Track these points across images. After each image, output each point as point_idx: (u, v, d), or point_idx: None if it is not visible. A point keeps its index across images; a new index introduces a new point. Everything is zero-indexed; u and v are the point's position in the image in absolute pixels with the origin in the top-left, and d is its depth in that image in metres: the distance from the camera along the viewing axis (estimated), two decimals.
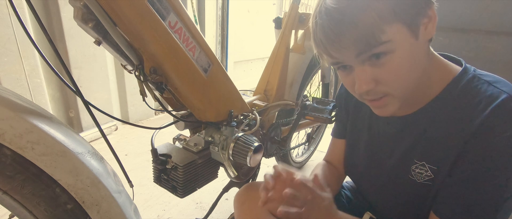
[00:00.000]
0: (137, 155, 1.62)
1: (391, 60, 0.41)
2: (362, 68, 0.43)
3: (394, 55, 0.40)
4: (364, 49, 0.40)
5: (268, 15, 3.43)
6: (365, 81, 0.43)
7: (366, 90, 0.43)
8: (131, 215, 0.50)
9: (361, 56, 0.41)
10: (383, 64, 0.41)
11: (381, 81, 0.43)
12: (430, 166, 0.49)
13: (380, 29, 0.38)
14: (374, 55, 0.41)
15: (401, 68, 0.41)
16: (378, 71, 0.42)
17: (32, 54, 1.44)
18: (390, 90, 0.44)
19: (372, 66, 0.42)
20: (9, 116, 0.38)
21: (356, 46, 0.40)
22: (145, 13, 0.51)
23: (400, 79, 0.43)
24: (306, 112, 1.03)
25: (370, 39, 0.39)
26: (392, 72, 0.42)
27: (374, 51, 0.40)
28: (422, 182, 0.50)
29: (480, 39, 1.03)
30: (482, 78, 0.45)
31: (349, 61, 0.43)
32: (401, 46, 0.40)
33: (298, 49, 1.16)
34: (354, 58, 0.42)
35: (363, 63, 0.42)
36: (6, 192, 0.39)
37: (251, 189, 0.68)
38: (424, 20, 0.41)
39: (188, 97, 0.66)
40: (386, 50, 0.40)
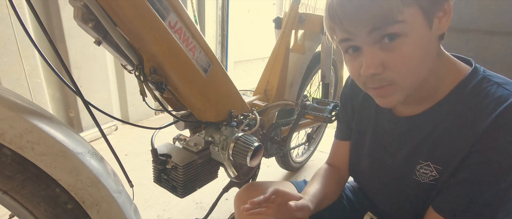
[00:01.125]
0: (137, 155, 1.62)
1: (402, 45, 0.40)
2: (372, 50, 0.42)
3: (407, 40, 0.40)
4: (379, 25, 0.39)
5: (268, 15, 3.43)
6: (373, 63, 0.42)
7: (373, 73, 0.42)
8: (131, 215, 0.50)
9: (374, 34, 0.40)
10: (394, 48, 0.41)
11: (389, 67, 0.42)
12: (435, 166, 0.49)
13: (398, 8, 0.38)
14: (387, 36, 0.40)
15: (411, 55, 0.41)
16: (387, 55, 0.41)
17: (32, 54, 1.44)
18: (396, 78, 0.43)
19: (382, 49, 0.41)
20: (9, 116, 0.38)
21: (372, 21, 0.39)
22: (145, 13, 0.51)
23: (408, 66, 0.42)
24: (306, 112, 1.03)
25: (388, 16, 0.38)
26: (402, 58, 0.41)
27: (389, 30, 0.39)
28: (426, 182, 0.50)
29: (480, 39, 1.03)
30: (492, 80, 0.45)
31: (360, 40, 0.43)
32: (415, 31, 0.40)
33: (298, 49, 1.16)
34: (367, 36, 0.41)
35: (374, 44, 0.42)
36: (6, 192, 0.39)
37: (251, 189, 0.68)
38: (440, 13, 0.41)
39: (188, 97, 0.66)
40: (400, 31, 0.39)
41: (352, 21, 0.41)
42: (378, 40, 0.41)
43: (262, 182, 0.71)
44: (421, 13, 0.39)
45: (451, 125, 0.46)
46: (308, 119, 1.05)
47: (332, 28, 0.45)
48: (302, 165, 1.62)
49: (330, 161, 0.74)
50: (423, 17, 0.40)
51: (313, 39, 1.18)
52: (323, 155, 1.75)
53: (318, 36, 1.16)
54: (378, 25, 0.39)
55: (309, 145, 1.67)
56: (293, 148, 1.35)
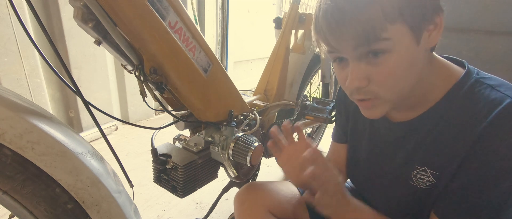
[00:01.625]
0: (137, 155, 1.62)
1: (387, 60, 0.40)
2: (357, 64, 0.42)
3: (392, 56, 0.40)
4: (363, 42, 0.39)
5: (268, 15, 3.43)
6: (358, 77, 0.42)
7: (357, 86, 0.43)
8: (131, 215, 0.50)
9: (359, 50, 0.41)
10: (379, 63, 0.41)
11: (374, 81, 0.42)
12: (431, 172, 0.48)
13: (382, 26, 0.38)
14: (371, 52, 0.40)
15: (395, 70, 0.41)
16: (372, 69, 0.42)
17: (32, 54, 1.44)
18: (380, 92, 0.43)
19: (367, 63, 0.42)
20: (9, 116, 0.38)
21: (355, 38, 0.40)
22: (145, 13, 0.51)
23: (392, 82, 0.42)
24: (306, 112, 1.03)
25: (370, 34, 0.38)
26: (386, 73, 0.41)
27: (372, 47, 0.39)
28: (423, 188, 0.50)
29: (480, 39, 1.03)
30: (485, 82, 0.45)
31: (346, 53, 0.43)
32: (400, 47, 0.40)
33: (298, 49, 1.16)
34: (352, 51, 0.41)
35: (360, 58, 0.42)
36: (6, 192, 0.39)
37: (251, 189, 0.68)
38: (430, 26, 0.41)
39: (188, 97, 0.66)
40: (384, 48, 0.39)
41: (335, 37, 0.41)
42: (363, 54, 0.41)
43: (262, 182, 0.71)
44: (408, 29, 0.39)
45: (446, 129, 0.46)
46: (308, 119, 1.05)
47: (318, 41, 0.46)
48: None
49: None
50: (410, 32, 0.40)
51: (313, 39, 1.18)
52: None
53: None
54: (362, 42, 0.39)
55: None
56: None
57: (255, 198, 0.65)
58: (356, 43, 0.40)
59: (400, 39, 0.39)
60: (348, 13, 0.39)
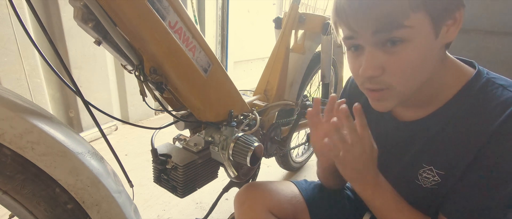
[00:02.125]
0: (137, 155, 1.62)
1: (404, 50, 0.40)
2: (373, 51, 0.41)
3: (410, 45, 0.40)
4: (384, 27, 0.39)
5: (268, 15, 3.42)
6: (372, 65, 0.42)
7: (371, 75, 0.42)
8: (131, 215, 0.50)
9: (378, 36, 0.40)
10: (396, 52, 0.40)
11: (388, 71, 0.42)
12: (437, 171, 0.48)
13: (405, 12, 0.38)
14: (390, 40, 0.40)
15: (411, 61, 0.41)
16: (388, 58, 0.41)
17: (32, 54, 1.44)
18: (394, 83, 0.42)
19: (384, 52, 0.41)
20: (9, 116, 0.38)
21: (377, 22, 0.39)
22: (145, 13, 0.51)
23: (407, 73, 0.41)
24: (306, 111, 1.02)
25: (394, 19, 0.38)
26: (401, 63, 0.41)
27: (393, 34, 0.39)
28: (428, 187, 0.50)
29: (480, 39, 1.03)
30: (496, 82, 0.44)
31: (363, 40, 0.42)
32: (419, 37, 0.39)
33: (298, 49, 1.16)
34: (370, 36, 0.41)
35: (376, 45, 0.41)
36: (6, 192, 0.39)
37: (251, 189, 0.68)
38: (449, 21, 0.41)
39: (188, 97, 0.66)
40: (404, 36, 0.39)
41: (357, 20, 0.41)
42: (381, 42, 0.41)
43: (262, 182, 0.71)
44: (429, 19, 0.39)
45: (456, 129, 0.46)
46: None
47: (336, 23, 0.45)
48: (302, 165, 1.62)
49: None
50: (431, 24, 0.39)
51: (313, 39, 1.18)
52: None
53: (318, 36, 1.16)
54: (383, 28, 0.39)
55: (309, 145, 1.67)
56: (293, 148, 1.35)
57: (255, 198, 0.65)
58: (377, 28, 0.39)
59: (420, 29, 0.39)
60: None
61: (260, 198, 0.65)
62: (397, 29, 0.38)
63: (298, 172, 1.59)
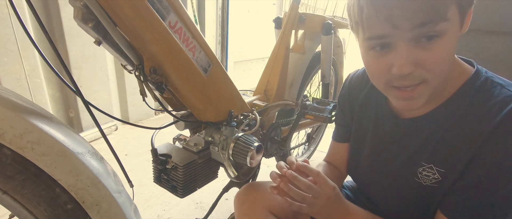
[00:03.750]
0: (137, 155, 1.62)
1: (440, 44, 0.39)
2: (408, 47, 0.40)
3: (444, 39, 0.39)
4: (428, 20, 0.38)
5: (268, 15, 3.43)
6: (409, 62, 0.40)
7: (409, 72, 0.41)
8: (131, 215, 0.50)
9: (419, 30, 0.38)
10: (431, 48, 0.40)
11: (423, 66, 0.41)
12: (437, 169, 0.48)
13: (448, 5, 0.38)
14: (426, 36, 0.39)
15: (447, 54, 0.41)
16: (423, 54, 0.40)
17: (32, 54, 1.44)
18: (429, 76, 0.41)
19: (417, 48, 0.40)
20: (9, 116, 0.38)
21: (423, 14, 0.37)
22: (145, 13, 0.51)
23: (443, 66, 0.41)
24: (306, 112, 1.03)
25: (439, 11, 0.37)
26: (438, 57, 0.40)
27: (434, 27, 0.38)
28: (428, 185, 0.50)
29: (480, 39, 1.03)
30: (495, 81, 0.45)
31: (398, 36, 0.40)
32: (452, 30, 0.40)
33: (298, 49, 1.16)
34: (409, 31, 0.39)
35: (410, 41, 0.40)
36: (6, 192, 0.39)
37: (251, 189, 0.68)
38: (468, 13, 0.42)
39: (188, 97, 0.66)
40: (442, 30, 0.38)
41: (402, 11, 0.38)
42: (417, 38, 0.39)
43: (262, 182, 0.71)
44: (458, 12, 0.39)
45: (455, 127, 0.46)
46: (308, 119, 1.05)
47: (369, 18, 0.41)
48: None
49: (328, 159, 0.74)
50: (459, 17, 0.40)
51: (313, 39, 1.18)
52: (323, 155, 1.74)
53: (318, 36, 1.16)
54: (427, 20, 0.38)
55: (309, 145, 1.66)
56: (293, 148, 1.35)
57: (255, 198, 0.65)
58: (421, 21, 0.38)
59: (454, 22, 0.39)
60: None
61: (260, 198, 0.65)
62: (440, 22, 0.38)
63: None
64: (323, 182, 0.51)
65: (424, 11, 0.37)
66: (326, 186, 0.51)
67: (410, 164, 0.52)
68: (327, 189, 0.51)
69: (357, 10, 0.42)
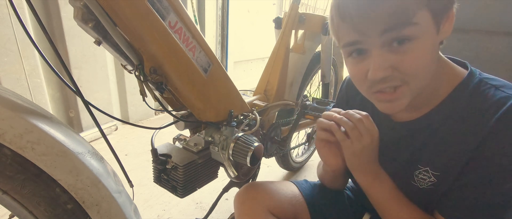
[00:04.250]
0: (137, 155, 1.62)
1: (413, 48, 0.40)
2: (381, 52, 0.41)
3: (418, 43, 0.39)
4: (394, 26, 0.38)
5: (268, 15, 3.43)
6: (382, 66, 0.41)
7: (382, 76, 0.41)
8: (131, 215, 0.50)
9: (386, 35, 0.39)
10: (404, 51, 0.40)
11: (399, 69, 0.41)
12: (433, 172, 0.48)
13: (413, 10, 0.38)
14: (396, 40, 0.39)
15: (422, 57, 0.40)
16: (397, 58, 0.41)
17: (32, 54, 1.44)
18: (408, 78, 0.42)
19: (391, 52, 0.41)
20: (9, 116, 0.38)
21: (386, 20, 0.38)
22: (145, 13, 0.51)
23: (419, 69, 0.41)
24: (306, 111, 1.03)
25: (402, 16, 0.38)
26: (413, 61, 0.40)
27: (402, 32, 0.39)
28: (424, 188, 0.50)
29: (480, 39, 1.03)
30: (489, 82, 0.45)
31: (370, 42, 0.41)
32: (426, 34, 0.40)
33: (298, 49, 1.16)
34: (378, 37, 0.40)
35: (383, 47, 0.41)
36: (6, 192, 0.39)
37: (251, 189, 0.68)
38: (445, 17, 0.41)
39: (188, 97, 0.66)
40: (412, 34, 0.39)
41: (365, 19, 0.40)
42: (388, 42, 0.40)
43: (262, 182, 0.71)
44: (431, 16, 0.39)
45: (451, 129, 0.46)
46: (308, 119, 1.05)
47: (339, 27, 0.44)
48: (302, 165, 1.62)
49: None
50: (433, 20, 0.40)
51: (313, 39, 1.18)
52: None
53: (318, 36, 1.16)
54: (392, 26, 0.39)
55: (309, 145, 1.67)
56: (293, 148, 1.35)
57: (255, 198, 0.65)
58: (385, 27, 0.39)
59: (425, 26, 0.39)
60: None
61: (260, 198, 0.65)
62: (406, 26, 0.38)
63: (298, 172, 1.59)
64: (371, 124, 0.50)
65: (386, 17, 0.38)
66: (374, 129, 0.50)
67: (407, 167, 0.52)
68: (374, 132, 0.50)
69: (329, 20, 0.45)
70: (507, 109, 0.41)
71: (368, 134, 0.49)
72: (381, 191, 0.53)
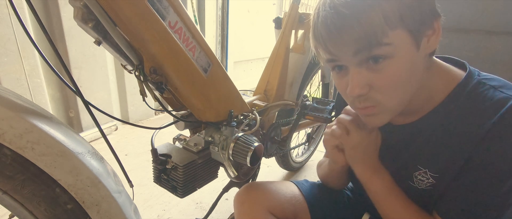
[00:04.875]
0: (137, 155, 1.62)
1: (388, 66, 0.40)
2: (358, 71, 0.42)
3: (393, 61, 0.40)
4: (364, 48, 0.39)
5: (268, 15, 3.43)
6: (359, 84, 0.42)
7: (358, 94, 0.42)
8: (131, 215, 0.50)
9: (359, 56, 0.40)
10: (380, 70, 0.40)
11: (376, 88, 0.42)
12: (431, 174, 0.48)
13: (383, 31, 0.38)
14: (372, 58, 0.40)
15: (397, 76, 0.41)
16: (374, 76, 0.41)
17: (32, 54, 1.44)
18: (383, 99, 0.43)
19: (368, 70, 0.41)
20: (9, 116, 0.38)
21: (356, 44, 0.39)
22: (145, 13, 0.51)
23: (395, 88, 0.42)
24: (306, 112, 1.03)
25: (372, 39, 0.38)
26: (388, 79, 0.41)
27: (373, 52, 0.39)
28: (423, 189, 0.50)
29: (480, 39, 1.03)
30: (487, 83, 0.44)
31: (346, 61, 0.42)
32: (401, 53, 0.40)
33: (298, 49, 1.16)
34: (352, 57, 0.41)
35: (360, 65, 0.41)
36: (6, 192, 0.39)
37: (251, 189, 0.68)
38: (428, 32, 0.41)
39: (188, 97, 0.66)
40: (385, 53, 0.39)
41: (335, 43, 0.41)
42: (364, 61, 0.41)
43: (262, 182, 0.71)
44: (408, 34, 0.39)
45: (449, 131, 0.46)
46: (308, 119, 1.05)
47: (317, 48, 0.46)
48: (302, 165, 1.62)
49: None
50: (411, 38, 0.39)
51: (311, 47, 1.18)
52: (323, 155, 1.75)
53: None
54: (363, 48, 0.39)
55: (309, 145, 1.67)
56: (293, 148, 1.35)
57: (255, 198, 0.65)
58: (357, 48, 0.39)
59: (401, 45, 0.39)
60: (349, 19, 0.38)
61: (260, 198, 0.65)
62: (376, 47, 0.39)
63: (298, 172, 1.59)
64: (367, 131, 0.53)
65: (355, 40, 0.39)
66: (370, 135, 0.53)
67: (406, 169, 0.52)
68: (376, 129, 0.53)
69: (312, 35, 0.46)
70: (506, 110, 0.40)
71: (365, 126, 0.52)
72: (380, 186, 0.53)
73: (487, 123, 0.41)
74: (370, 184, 0.54)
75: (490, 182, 0.42)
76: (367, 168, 0.54)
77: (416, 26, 0.39)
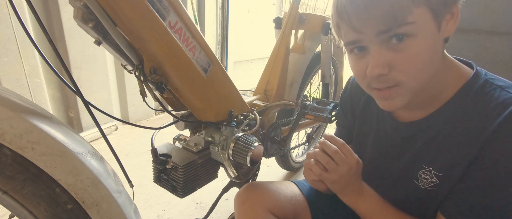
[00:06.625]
0: (137, 155, 1.62)
1: (411, 45, 0.40)
2: (379, 49, 0.41)
3: (415, 40, 0.40)
4: (389, 25, 0.39)
5: (268, 15, 3.43)
6: (380, 63, 0.41)
7: (379, 73, 0.42)
8: (131, 215, 0.50)
9: (382, 34, 0.40)
10: (402, 49, 0.40)
11: (396, 67, 0.41)
12: (435, 173, 0.48)
13: (409, 8, 0.38)
14: (396, 36, 0.40)
15: (419, 56, 0.40)
16: (395, 55, 0.41)
17: (32, 54, 1.44)
18: (402, 79, 0.42)
19: (390, 49, 0.41)
20: (9, 116, 0.38)
21: (381, 20, 0.39)
22: (145, 13, 0.51)
23: (416, 68, 0.41)
24: (306, 111, 1.03)
25: (398, 16, 0.38)
26: (410, 59, 0.40)
27: (398, 31, 0.39)
28: (426, 188, 0.50)
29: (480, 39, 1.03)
30: (495, 83, 0.44)
31: (367, 40, 0.42)
32: (424, 32, 0.39)
33: (298, 49, 1.16)
34: (375, 36, 0.40)
35: (382, 44, 0.41)
36: (6, 192, 0.39)
37: (251, 189, 0.68)
38: (448, 15, 0.41)
39: (188, 97, 0.66)
40: (409, 32, 0.39)
41: (361, 19, 0.40)
42: (386, 40, 0.40)
43: (262, 182, 0.71)
44: (431, 14, 0.39)
45: (455, 130, 0.46)
46: (308, 119, 1.05)
47: (339, 25, 0.45)
48: (302, 165, 1.62)
49: None
50: (433, 18, 0.40)
51: (313, 39, 1.18)
52: None
53: (318, 36, 1.16)
54: (387, 26, 0.39)
55: (309, 145, 1.66)
56: (293, 148, 1.35)
57: (255, 198, 0.65)
58: (381, 26, 0.39)
59: (424, 24, 0.39)
60: None
61: (260, 198, 0.65)
62: (401, 26, 0.38)
63: (298, 172, 1.59)
64: (348, 153, 0.52)
65: (381, 17, 0.39)
66: (350, 157, 0.52)
67: (411, 167, 0.52)
68: (351, 160, 0.52)
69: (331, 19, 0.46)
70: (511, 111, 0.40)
71: (344, 163, 0.51)
72: (366, 206, 0.55)
73: (493, 123, 0.41)
74: (357, 207, 0.55)
75: (496, 183, 0.41)
76: (350, 194, 0.55)
77: (438, 7, 0.39)
